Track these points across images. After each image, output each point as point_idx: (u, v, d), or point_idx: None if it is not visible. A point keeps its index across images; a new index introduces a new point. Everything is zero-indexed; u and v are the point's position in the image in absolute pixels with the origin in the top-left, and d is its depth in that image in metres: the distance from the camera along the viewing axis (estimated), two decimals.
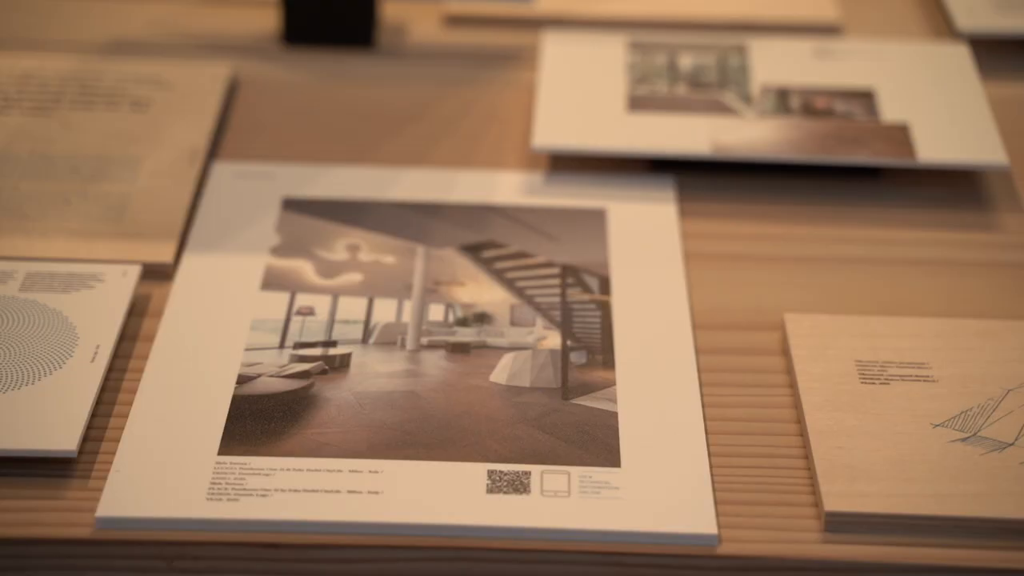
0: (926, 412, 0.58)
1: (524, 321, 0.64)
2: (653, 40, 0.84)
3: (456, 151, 0.77)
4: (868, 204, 0.73)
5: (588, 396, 0.60)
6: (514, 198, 0.72)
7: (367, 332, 0.63)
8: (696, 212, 0.72)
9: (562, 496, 0.54)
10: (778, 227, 0.71)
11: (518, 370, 0.61)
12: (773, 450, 0.58)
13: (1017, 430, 0.57)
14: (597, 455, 0.56)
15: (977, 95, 0.78)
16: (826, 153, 0.74)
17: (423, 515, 0.53)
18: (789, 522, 0.54)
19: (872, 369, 0.60)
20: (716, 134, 0.75)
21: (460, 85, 0.85)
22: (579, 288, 0.66)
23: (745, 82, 0.80)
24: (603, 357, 0.62)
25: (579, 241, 0.69)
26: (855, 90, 0.79)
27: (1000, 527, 0.53)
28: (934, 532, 0.54)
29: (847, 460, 0.56)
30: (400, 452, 0.56)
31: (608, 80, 0.80)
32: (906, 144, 0.74)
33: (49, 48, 0.84)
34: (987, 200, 0.74)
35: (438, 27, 0.90)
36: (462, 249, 0.68)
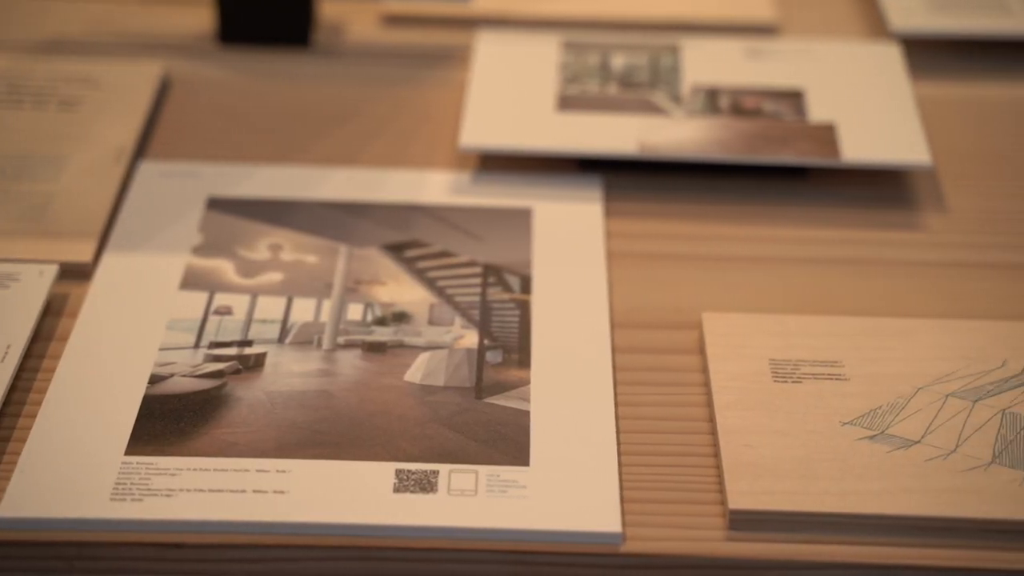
0: (836, 410, 0.58)
1: (442, 320, 0.64)
2: (587, 40, 0.84)
3: (386, 150, 0.77)
4: (794, 204, 0.73)
5: (501, 395, 0.60)
6: (441, 197, 0.72)
7: (284, 332, 0.63)
8: (622, 211, 0.72)
9: (469, 495, 0.54)
10: (703, 227, 0.72)
11: (433, 369, 0.61)
12: (684, 448, 0.58)
13: (924, 428, 0.57)
14: (506, 454, 0.56)
15: (905, 95, 0.78)
16: (752, 153, 0.74)
17: (328, 515, 0.53)
18: (695, 520, 0.55)
19: (785, 368, 0.60)
20: (643, 134, 0.75)
21: (395, 85, 0.84)
22: (500, 287, 0.66)
23: (676, 82, 0.81)
24: (519, 356, 0.62)
25: (503, 240, 0.69)
26: (785, 90, 0.79)
27: (900, 524, 0.54)
28: (837, 529, 0.54)
29: (754, 458, 0.56)
30: (309, 452, 0.56)
31: (539, 80, 0.80)
32: (831, 144, 0.74)
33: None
34: (912, 200, 0.74)
35: (376, 27, 0.89)
36: (385, 248, 0.68)
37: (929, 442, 0.57)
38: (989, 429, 0.57)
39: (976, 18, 0.87)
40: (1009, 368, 0.60)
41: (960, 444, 0.56)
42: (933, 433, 0.57)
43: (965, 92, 0.84)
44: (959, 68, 0.86)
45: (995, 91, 0.84)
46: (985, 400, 0.59)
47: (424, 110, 0.80)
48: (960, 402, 0.59)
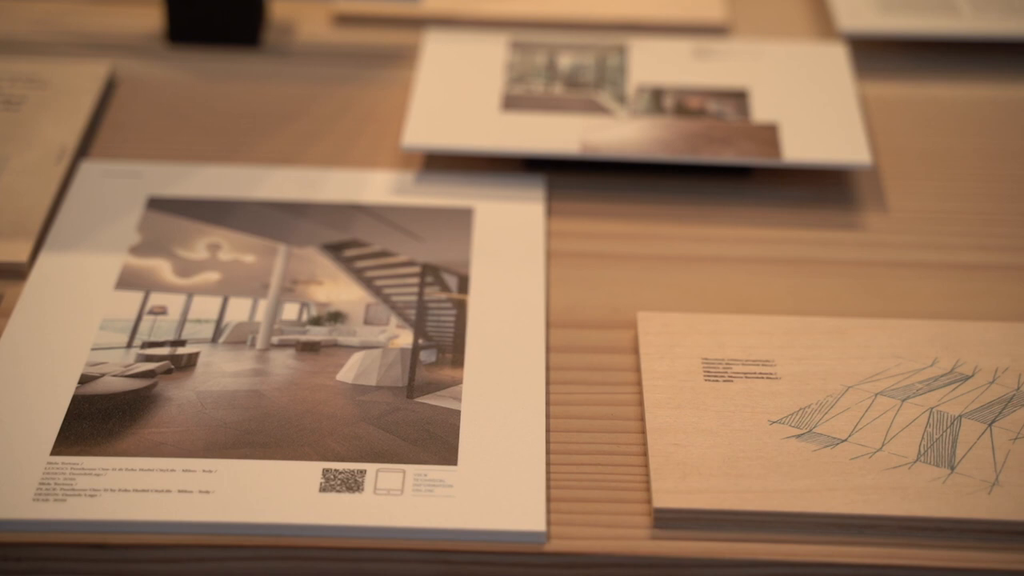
0: (765, 409, 0.58)
1: (378, 320, 0.65)
2: (535, 40, 0.84)
3: (331, 150, 0.77)
4: (737, 203, 0.74)
5: (433, 395, 0.60)
6: (383, 197, 0.72)
7: (218, 331, 0.63)
8: (564, 211, 0.72)
9: (395, 494, 0.54)
10: (645, 226, 0.72)
11: (366, 369, 0.61)
12: (614, 447, 0.58)
13: (852, 427, 0.58)
14: (435, 453, 0.57)
15: (849, 96, 0.78)
16: (693, 153, 0.74)
17: (253, 514, 0.53)
18: (620, 519, 0.55)
19: (717, 367, 0.61)
20: (586, 134, 0.75)
21: (343, 84, 0.84)
22: (438, 287, 0.67)
23: (622, 82, 0.81)
24: (453, 356, 0.62)
25: (443, 240, 0.69)
26: (729, 90, 0.79)
27: (822, 522, 0.54)
28: (761, 527, 0.54)
29: (682, 457, 0.56)
30: (236, 452, 0.56)
31: (485, 79, 0.80)
32: (773, 144, 0.75)
33: None
34: (854, 200, 0.75)
35: (327, 26, 0.89)
36: (324, 248, 0.68)
37: (856, 440, 0.57)
38: (916, 427, 0.57)
39: (924, 19, 0.88)
40: (939, 367, 0.61)
41: (886, 442, 0.57)
42: (860, 431, 0.57)
43: (912, 92, 0.84)
44: (907, 68, 0.86)
45: (942, 91, 0.84)
46: (914, 399, 0.59)
47: (371, 110, 0.80)
48: (889, 401, 0.59)
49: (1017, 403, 0.59)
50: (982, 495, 0.54)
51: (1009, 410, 0.58)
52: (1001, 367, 0.60)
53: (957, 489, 0.54)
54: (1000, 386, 0.59)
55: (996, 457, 0.56)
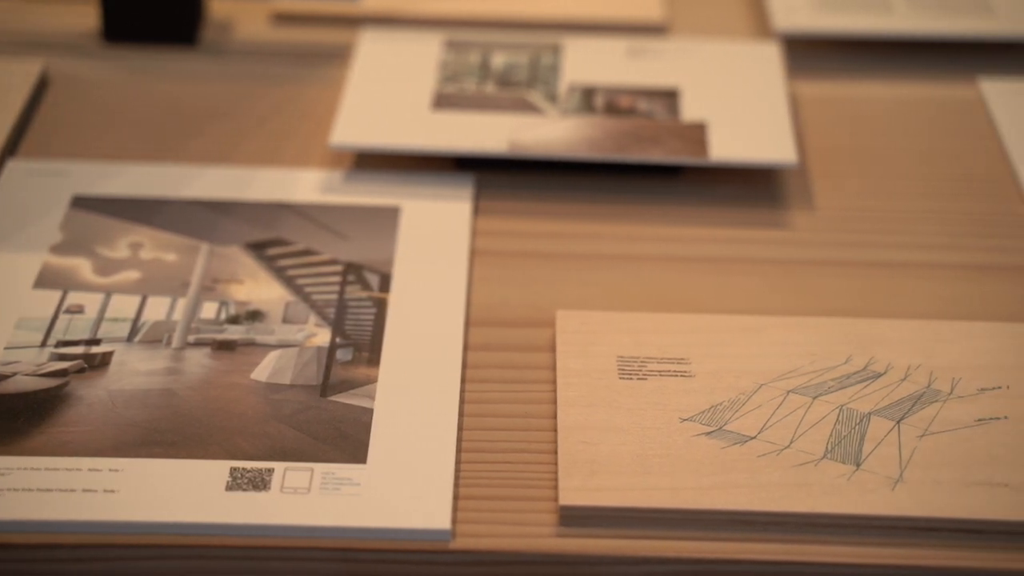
0: (677, 407, 0.59)
1: (297, 319, 0.64)
2: (470, 39, 0.84)
3: (263, 149, 0.77)
4: (665, 202, 0.74)
5: (347, 393, 0.60)
6: (311, 196, 0.72)
7: (134, 330, 0.63)
8: (493, 210, 0.72)
9: (302, 493, 0.54)
10: (574, 225, 0.72)
11: (281, 367, 0.61)
12: (526, 445, 0.58)
13: (762, 424, 0.58)
14: (344, 452, 0.56)
15: (779, 95, 0.78)
16: (621, 152, 0.74)
17: (158, 513, 0.53)
18: (527, 516, 0.55)
19: (632, 365, 0.61)
20: (514, 133, 0.75)
21: (278, 83, 0.84)
22: (359, 286, 0.67)
23: (554, 81, 0.81)
24: (369, 354, 0.62)
25: (368, 239, 0.69)
26: (661, 89, 0.79)
27: (728, 519, 0.54)
28: (667, 525, 0.54)
29: (591, 455, 0.56)
30: (144, 450, 0.56)
31: (418, 78, 0.80)
32: (701, 143, 0.75)
33: None
34: (782, 198, 0.75)
35: (265, 25, 0.89)
36: (247, 247, 0.68)
37: (765, 438, 0.57)
38: (825, 425, 0.58)
39: (859, 18, 0.88)
40: (852, 364, 0.61)
41: (795, 440, 0.57)
42: (770, 429, 0.58)
43: (847, 91, 0.84)
44: (843, 68, 0.87)
45: (876, 90, 0.84)
46: (825, 396, 0.59)
47: (305, 109, 0.80)
48: (800, 398, 0.59)
49: (927, 400, 0.59)
50: (885, 492, 0.54)
51: (918, 407, 0.58)
52: (913, 364, 0.61)
53: (861, 486, 0.54)
54: (911, 383, 0.60)
55: (902, 454, 0.56)
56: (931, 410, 0.58)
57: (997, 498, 0.54)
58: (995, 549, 0.53)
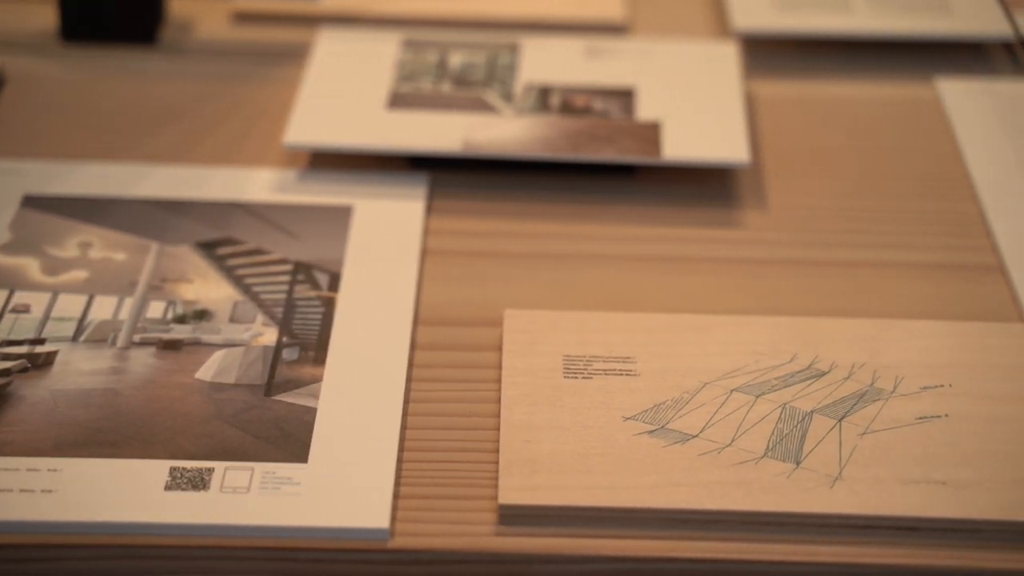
0: (621, 405, 0.59)
1: (244, 318, 0.64)
2: (428, 38, 0.84)
3: (219, 148, 0.77)
4: (619, 201, 0.74)
5: (292, 392, 0.60)
6: (265, 195, 0.72)
7: (80, 329, 0.63)
8: (446, 209, 0.72)
9: (241, 492, 0.54)
10: (526, 224, 0.72)
11: (226, 367, 0.61)
12: (469, 444, 0.58)
13: (704, 423, 0.58)
14: (286, 451, 0.56)
15: (734, 94, 0.78)
16: (574, 151, 0.74)
17: (96, 513, 0.53)
18: (467, 515, 0.55)
19: (578, 364, 0.61)
20: (469, 132, 0.75)
21: (236, 82, 0.83)
22: (308, 285, 0.66)
23: (511, 80, 0.81)
24: (316, 353, 0.62)
25: (319, 238, 0.69)
26: (617, 89, 0.80)
27: (667, 517, 0.54)
28: (606, 523, 0.54)
29: (532, 454, 0.56)
30: (85, 450, 0.56)
31: (374, 78, 0.80)
32: (654, 142, 0.75)
33: None
34: (735, 198, 0.75)
35: (225, 24, 0.89)
36: (197, 246, 0.68)
37: (707, 436, 0.57)
38: (767, 423, 0.58)
39: (819, 18, 0.88)
40: (797, 363, 0.61)
41: (736, 438, 0.57)
42: (712, 428, 0.58)
43: (805, 91, 0.84)
44: (802, 67, 0.87)
45: (834, 90, 0.84)
46: (768, 395, 0.59)
47: (262, 108, 0.80)
48: (744, 397, 0.59)
49: (869, 399, 0.59)
50: (823, 490, 0.54)
51: (861, 406, 0.59)
52: (858, 363, 0.61)
53: (800, 484, 0.54)
54: (855, 382, 0.60)
55: (842, 452, 0.56)
56: (873, 408, 0.58)
57: (934, 495, 0.54)
58: (931, 546, 0.53)
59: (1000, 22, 0.89)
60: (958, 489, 0.54)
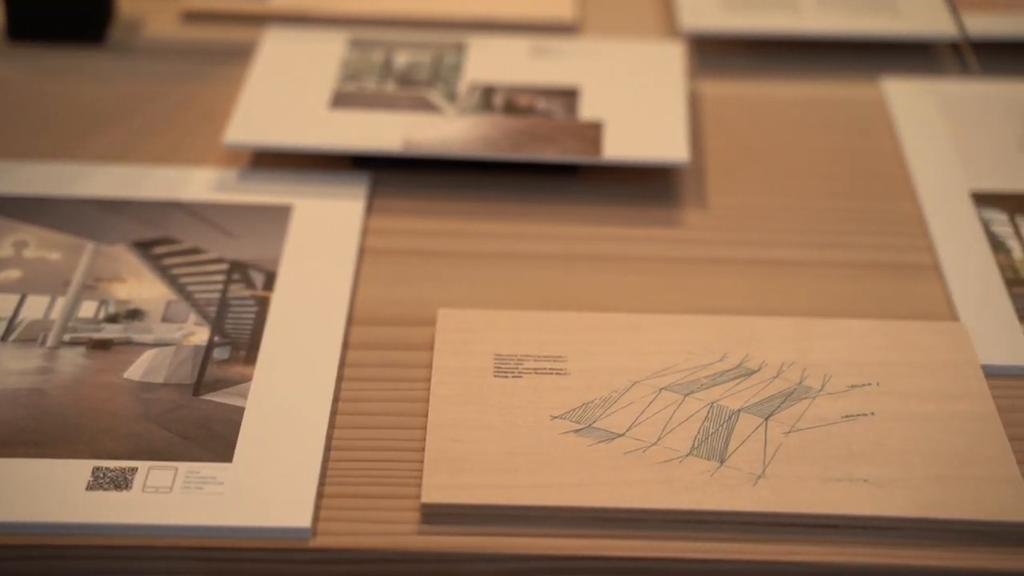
0: (549, 404, 0.59)
1: (177, 317, 0.64)
2: (374, 37, 0.84)
3: (162, 147, 0.76)
4: (561, 201, 0.74)
5: (220, 392, 0.60)
6: (204, 194, 0.72)
7: (10, 329, 0.63)
8: (386, 209, 0.72)
9: (164, 492, 0.54)
10: (467, 224, 0.72)
11: (156, 366, 0.61)
12: (397, 444, 0.58)
13: (631, 421, 0.58)
14: (211, 451, 0.56)
15: (677, 94, 0.78)
16: (515, 151, 0.74)
17: (16, 513, 0.53)
18: (391, 515, 0.54)
19: (509, 363, 0.60)
20: (410, 131, 0.75)
21: (184, 81, 0.83)
22: (243, 284, 0.66)
23: (455, 80, 0.81)
24: (247, 353, 0.62)
25: (257, 238, 0.69)
26: (561, 88, 0.80)
27: (590, 516, 0.54)
28: (529, 522, 0.54)
29: (458, 452, 0.56)
30: (8, 450, 0.55)
31: (319, 77, 0.79)
32: (596, 141, 0.75)
33: None
34: (677, 197, 0.75)
35: (175, 23, 0.89)
36: (133, 246, 0.68)
37: (633, 435, 0.57)
38: (694, 422, 0.58)
39: (767, 18, 0.88)
40: (728, 361, 0.61)
41: (662, 437, 0.57)
42: (639, 426, 0.58)
43: (753, 91, 0.84)
44: (751, 67, 0.87)
45: (781, 90, 0.84)
46: (697, 393, 0.60)
47: (208, 107, 0.80)
48: (672, 395, 0.59)
49: (797, 397, 0.59)
50: (746, 488, 0.54)
51: (788, 404, 0.59)
52: (787, 362, 0.61)
53: (723, 482, 0.55)
54: (783, 380, 0.60)
55: (767, 451, 0.56)
56: (800, 407, 0.58)
57: (855, 493, 0.54)
58: (851, 544, 0.54)
59: (947, 22, 0.89)
60: (879, 487, 0.54)
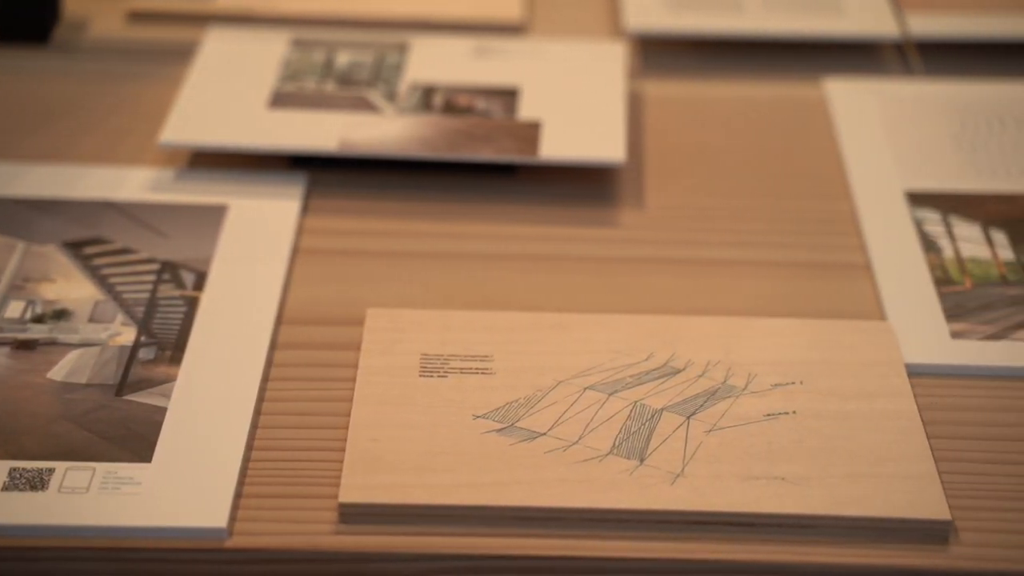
0: (473, 404, 0.58)
1: (104, 318, 0.64)
2: (318, 37, 0.84)
3: (99, 147, 0.76)
4: (498, 201, 0.73)
5: (144, 392, 0.59)
6: (139, 194, 0.71)
7: None
8: (322, 209, 0.72)
9: (80, 493, 0.54)
10: (402, 224, 0.72)
11: (79, 367, 0.61)
12: (320, 443, 0.58)
13: (553, 421, 0.58)
14: (130, 451, 0.56)
15: (617, 94, 0.78)
16: (452, 151, 0.74)
17: None
18: (309, 514, 0.54)
19: (435, 363, 0.60)
20: (347, 131, 0.75)
21: (125, 81, 0.83)
22: (173, 284, 0.66)
23: (396, 80, 0.81)
24: (173, 353, 0.61)
25: (190, 238, 0.69)
26: (501, 88, 0.80)
27: (509, 515, 0.54)
28: (447, 522, 0.54)
29: (378, 452, 0.56)
30: None
31: (258, 77, 0.79)
32: (533, 141, 0.75)
33: None
34: (614, 197, 0.75)
35: (120, 23, 0.89)
36: (64, 246, 0.68)
37: (555, 434, 0.57)
38: (616, 421, 0.58)
39: (711, 18, 0.88)
40: (654, 360, 0.61)
41: (584, 436, 0.57)
42: (561, 425, 0.58)
43: (696, 91, 0.84)
44: (696, 68, 0.87)
45: (724, 90, 0.85)
46: (621, 392, 0.60)
47: (148, 107, 0.79)
48: (596, 395, 0.59)
49: (720, 396, 0.59)
50: (664, 487, 0.54)
51: (711, 403, 0.59)
52: (713, 361, 0.61)
53: (642, 481, 0.55)
54: (708, 379, 0.60)
55: (687, 449, 0.56)
56: (723, 406, 0.59)
57: (772, 491, 0.54)
58: (767, 541, 0.54)
59: (891, 23, 0.89)
60: (795, 485, 0.54)
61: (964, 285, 0.68)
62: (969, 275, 0.68)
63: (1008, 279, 0.68)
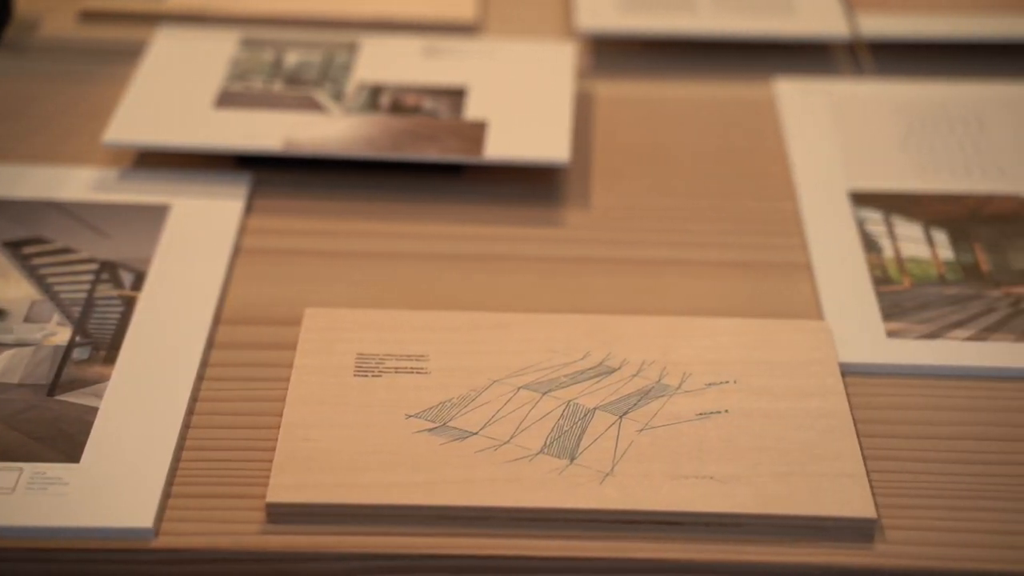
0: (407, 403, 0.58)
1: (40, 318, 0.63)
2: (267, 37, 0.84)
3: (44, 146, 0.76)
4: (444, 201, 0.73)
5: (76, 392, 0.59)
6: (82, 194, 0.71)
7: None
8: (266, 208, 0.72)
9: (6, 493, 0.54)
10: (345, 223, 0.71)
11: (11, 367, 0.60)
12: (251, 443, 0.57)
13: (485, 420, 0.58)
14: (59, 451, 0.56)
15: (564, 94, 0.78)
16: (396, 150, 0.74)
17: None
18: (237, 514, 0.54)
19: (370, 362, 0.60)
20: (292, 131, 0.75)
21: (73, 81, 0.83)
22: (111, 284, 0.66)
23: (344, 80, 0.81)
24: (107, 353, 0.61)
25: (131, 237, 0.68)
26: (449, 88, 0.80)
27: (437, 514, 0.53)
28: (377, 521, 0.54)
29: (309, 452, 0.56)
30: None
31: (206, 76, 0.79)
32: (478, 141, 0.75)
33: None
34: (560, 197, 0.74)
35: (72, 23, 0.89)
36: (2, 245, 0.67)
37: (486, 434, 0.57)
38: (549, 420, 0.58)
39: (663, 18, 0.88)
40: (589, 360, 0.61)
41: (515, 435, 0.57)
42: (493, 425, 0.57)
43: (647, 91, 0.85)
44: (647, 68, 0.87)
45: (675, 90, 0.85)
46: (555, 392, 0.59)
47: (96, 106, 0.79)
48: (530, 394, 0.59)
49: (654, 395, 0.59)
50: (593, 486, 0.54)
51: (644, 402, 0.59)
52: (648, 360, 0.61)
53: (571, 480, 0.55)
54: (642, 379, 0.60)
55: (618, 448, 0.56)
56: (656, 405, 0.59)
57: (700, 490, 0.54)
58: (694, 540, 0.54)
59: (842, 23, 0.90)
60: (723, 483, 0.55)
61: (903, 284, 0.68)
62: (908, 274, 0.69)
63: (947, 279, 0.68)
